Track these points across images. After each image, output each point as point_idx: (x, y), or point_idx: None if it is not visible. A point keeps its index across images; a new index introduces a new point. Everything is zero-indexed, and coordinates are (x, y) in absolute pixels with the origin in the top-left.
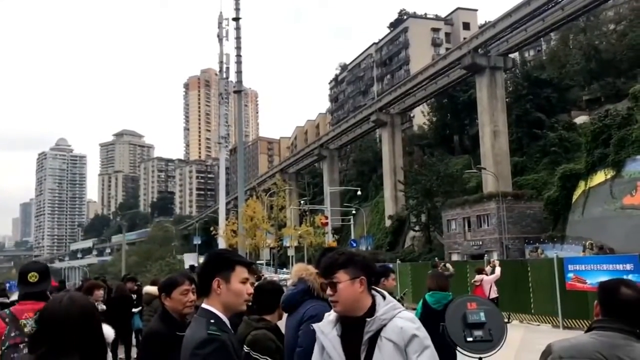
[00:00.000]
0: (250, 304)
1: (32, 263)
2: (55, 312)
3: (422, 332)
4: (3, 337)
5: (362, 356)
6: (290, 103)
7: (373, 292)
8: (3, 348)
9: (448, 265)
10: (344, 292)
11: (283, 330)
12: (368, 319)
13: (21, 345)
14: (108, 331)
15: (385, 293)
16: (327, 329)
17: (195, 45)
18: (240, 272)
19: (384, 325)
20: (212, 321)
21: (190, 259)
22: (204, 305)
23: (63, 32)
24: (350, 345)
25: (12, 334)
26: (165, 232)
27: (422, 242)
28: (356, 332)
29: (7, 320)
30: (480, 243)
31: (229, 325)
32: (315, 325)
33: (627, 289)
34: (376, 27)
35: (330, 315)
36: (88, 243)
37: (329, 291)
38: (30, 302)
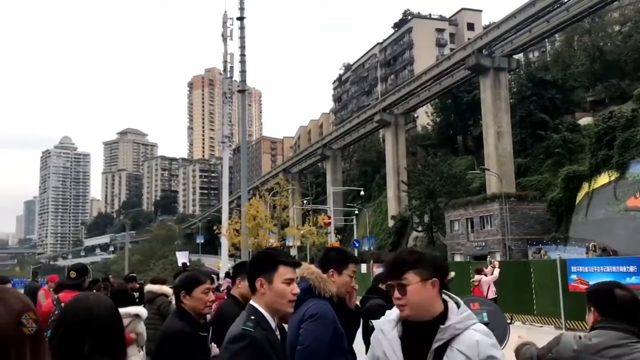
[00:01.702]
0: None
1: (75, 264)
2: (88, 311)
3: (497, 352)
4: (51, 315)
5: None
6: (294, 103)
7: (445, 297)
8: (49, 322)
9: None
10: (414, 295)
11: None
12: (441, 326)
13: None
14: (142, 311)
15: (460, 300)
16: (387, 328)
17: (199, 45)
18: (284, 273)
19: (457, 336)
20: (252, 317)
21: (183, 257)
22: (251, 302)
23: (68, 30)
24: (411, 349)
25: (56, 312)
26: (168, 231)
27: (424, 243)
28: (420, 337)
29: (54, 302)
30: (483, 244)
31: (272, 324)
32: (375, 322)
33: (622, 291)
34: (380, 28)
35: (392, 314)
36: (105, 239)
37: (396, 294)
38: (70, 291)
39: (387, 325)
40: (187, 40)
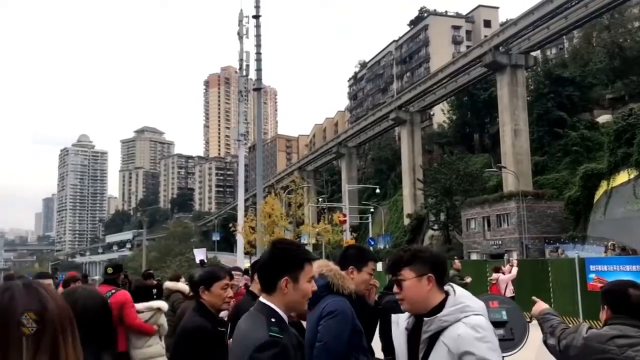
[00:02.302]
0: None
1: (111, 261)
2: (73, 304)
3: (481, 345)
4: None
5: (420, 355)
6: (309, 101)
7: (449, 289)
8: None
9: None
10: (410, 290)
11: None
12: (426, 319)
13: None
14: (163, 304)
15: (462, 291)
16: (401, 322)
17: (215, 43)
18: (309, 271)
19: (446, 328)
20: (272, 320)
21: (200, 254)
22: (264, 301)
23: (87, 30)
24: (415, 341)
25: None
26: (184, 229)
27: (440, 241)
28: (421, 329)
29: None
30: (500, 242)
31: (288, 325)
32: (393, 316)
33: (636, 290)
34: (396, 25)
35: None
36: (128, 235)
37: (395, 289)
38: (107, 285)
39: (402, 319)
40: (203, 38)
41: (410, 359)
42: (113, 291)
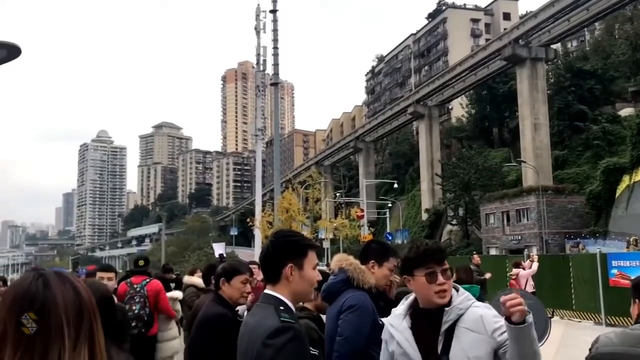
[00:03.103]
0: None
1: (141, 254)
2: None
3: (502, 319)
4: (126, 294)
5: (440, 347)
6: (326, 95)
7: None
8: (125, 300)
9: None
10: (451, 280)
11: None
12: (446, 309)
13: (135, 298)
14: (179, 294)
15: (457, 285)
16: (396, 322)
17: (233, 38)
18: (312, 258)
19: (461, 315)
20: (281, 308)
21: (219, 248)
22: (269, 292)
23: (105, 25)
24: (422, 336)
25: (130, 292)
26: (202, 223)
27: (459, 236)
28: (429, 324)
29: (128, 284)
30: (520, 238)
31: (295, 314)
32: (384, 320)
33: None
34: (414, 18)
35: (398, 309)
36: (153, 228)
37: (440, 279)
38: (140, 275)
39: (396, 319)
40: (220, 34)
41: (425, 354)
42: (148, 280)
